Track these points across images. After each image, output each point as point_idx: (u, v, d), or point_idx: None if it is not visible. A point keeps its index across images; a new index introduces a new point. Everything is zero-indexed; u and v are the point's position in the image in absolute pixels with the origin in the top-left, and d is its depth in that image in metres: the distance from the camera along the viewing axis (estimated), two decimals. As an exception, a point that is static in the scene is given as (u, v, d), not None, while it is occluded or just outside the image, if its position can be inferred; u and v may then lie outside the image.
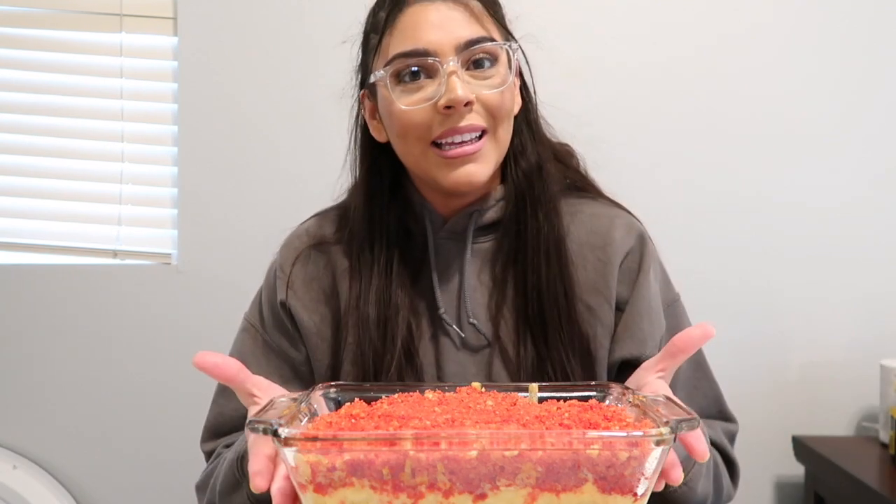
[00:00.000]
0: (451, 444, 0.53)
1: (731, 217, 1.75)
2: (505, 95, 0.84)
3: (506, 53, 0.85)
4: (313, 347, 0.92)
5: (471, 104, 0.81)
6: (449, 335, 0.89)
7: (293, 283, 0.93)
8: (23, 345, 1.74)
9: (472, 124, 0.82)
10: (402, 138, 0.85)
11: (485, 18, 0.85)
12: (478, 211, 0.90)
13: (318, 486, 0.54)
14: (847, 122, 1.75)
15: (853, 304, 1.76)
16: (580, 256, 0.91)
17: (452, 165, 0.83)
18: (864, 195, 1.75)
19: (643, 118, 1.74)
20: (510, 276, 0.89)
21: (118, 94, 1.76)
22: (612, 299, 0.90)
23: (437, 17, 0.82)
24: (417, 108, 0.82)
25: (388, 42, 0.84)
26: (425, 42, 0.81)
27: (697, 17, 1.74)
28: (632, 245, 0.92)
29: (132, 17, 1.74)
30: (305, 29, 1.72)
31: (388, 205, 0.91)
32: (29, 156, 1.78)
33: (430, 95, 0.82)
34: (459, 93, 0.79)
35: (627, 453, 0.53)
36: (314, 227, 0.98)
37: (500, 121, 0.84)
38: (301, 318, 0.92)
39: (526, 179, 0.89)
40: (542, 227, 0.88)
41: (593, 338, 0.89)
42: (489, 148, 0.84)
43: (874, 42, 1.74)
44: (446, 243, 0.91)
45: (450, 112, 0.81)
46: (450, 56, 0.81)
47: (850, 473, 1.45)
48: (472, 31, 0.82)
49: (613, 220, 0.93)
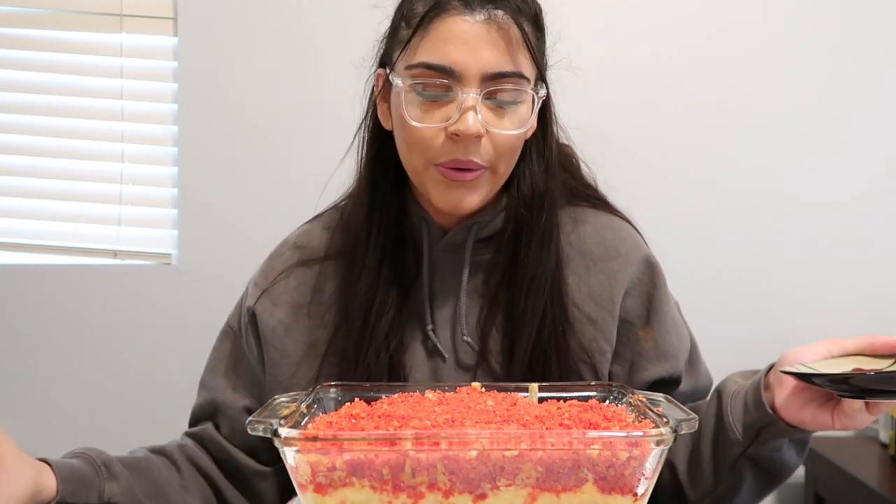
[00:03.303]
0: (451, 444, 0.53)
1: (732, 217, 1.75)
2: (518, 138, 0.83)
3: (531, 98, 0.83)
4: (272, 362, 0.89)
5: (480, 137, 0.80)
6: (438, 352, 0.87)
7: (273, 294, 0.91)
8: (23, 345, 1.74)
9: (473, 161, 0.80)
10: (406, 148, 0.83)
11: (520, 50, 0.81)
12: (478, 223, 0.88)
13: (318, 486, 0.54)
14: (847, 122, 1.75)
15: (853, 304, 1.76)
16: (583, 267, 0.89)
17: (448, 186, 0.81)
18: (864, 195, 1.75)
19: (638, 117, 1.74)
20: (503, 299, 0.87)
21: (118, 95, 1.76)
22: (616, 313, 0.88)
23: (473, 37, 0.78)
24: (427, 127, 0.80)
25: (417, 44, 0.81)
26: (453, 61, 0.78)
27: (687, 14, 1.74)
28: (640, 259, 0.90)
29: (132, 17, 1.74)
30: (305, 29, 1.72)
31: (388, 199, 0.88)
32: (29, 156, 1.78)
33: (443, 118, 0.79)
34: (471, 124, 0.78)
35: (627, 453, 0.53)
36: (302, 239, 0.96)
37: (503, 158, 0.83)
38: (265, 326, 0.90)
39: (527, 207, 0.87)
40: (535, 260, 0.86)
41: (597, 351, 0.87)
42: (486, 180, 0.83)
43: (879, 40, 1.74)
44: (443, 255, 0.89)
45: (457, 139, 0.79)
46: (472, 85, 0.79)
47: (850, 473, 1.45)
48: (502, 62, 0.79)
49: (618, 233, 0.92)
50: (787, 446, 0.77)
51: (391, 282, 0.87)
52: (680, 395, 0.89)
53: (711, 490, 0.80)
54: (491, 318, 0.87)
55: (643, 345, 0.88)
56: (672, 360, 0.89)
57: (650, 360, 0.88)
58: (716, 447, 0.79)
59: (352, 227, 0.90)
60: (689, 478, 0.82)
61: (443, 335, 0.87)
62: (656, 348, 0.88)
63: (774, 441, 0.75)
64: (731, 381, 0.80)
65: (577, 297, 0.88)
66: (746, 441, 0.75)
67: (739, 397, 0.77)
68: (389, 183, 0.88)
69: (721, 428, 0.77)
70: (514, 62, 0.80)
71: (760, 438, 0.74)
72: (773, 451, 0.76)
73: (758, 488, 0.81)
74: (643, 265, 0.90)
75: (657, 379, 0.88)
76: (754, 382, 0.75)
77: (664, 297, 0.90)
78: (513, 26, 0.80)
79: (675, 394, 0.89)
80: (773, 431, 0.73)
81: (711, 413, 0.80)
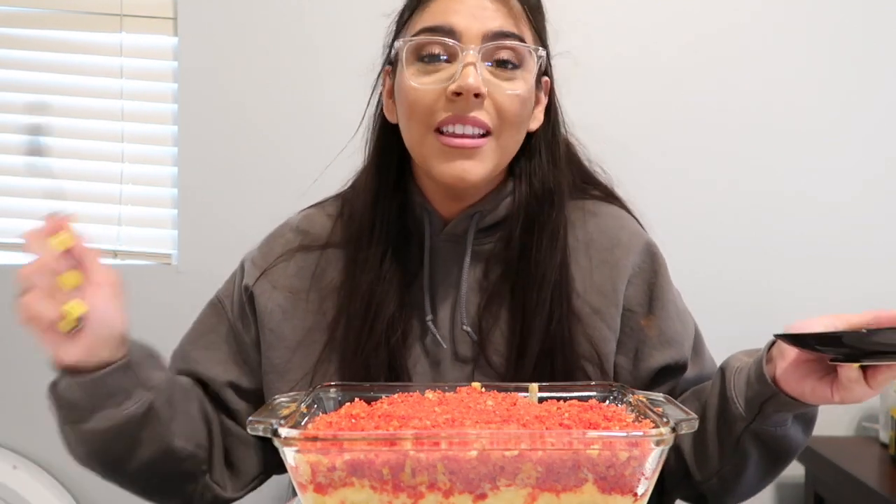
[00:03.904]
0: (451, 444, 0.53)
1: (731, 216, 1.75)
2: (521, 102, 0.82)
3: (534, 61, 0.82)
4: (268, 344, 0.89)
5: (481, 97, 0.79)
6: (437, 343, 0.87)
7: (272, 277, 0.91)
8: (23, 345, 1.74)
9: (477, 118, 0.79)
10: (407, 118, 0.83)
11: (522, 20, 0.83)
12: (479, 213, 0.88)
13: (318, 486, 0.54)
14: (848, 121, 1.75)
15: (853, 304, 1.74)
16: (586, 257, 0.89)
17: (449, 156, 0.80)
18: (864, 195, 1.75)
19: (638, 116, 1.74)
20: (505, 291, 0.87)
21: (118, 95, 1.76)
22: (620, 302, 0.88)
23: (474, 5, 0.80)
24: (427, 88, 0.80)
25: (417, 18, 0.83)
26: (453, 22, 0.79)
27: (685, 13, 1.74)
28: (641, 248, 0.91)
29: (132, 17, 1.74)
30: (305, 29, 1.72)
31: (392, 193, 0.88)
32: (28, 155, 1.78)
33: (444, 79, 0.80)
34: (471, 81, 0.77)
35: (627, 453, 0.54)
36: (305, 223, 0.96)
37: (507, 125, 0.81)
38: (262, 308, 0.89)
39: (537, 204, 0.86)
40: (545, 257, 0.85)
41: (601, 340, 0.87)
42: (489, 149, 0.81)
43: (879, 40, 1.74)
44: (445, 246, 0.89)
45: (458, 99, 0.78)
46: (473, 43, 0.79)
47: (850, 473, 1.45)
48: (503, 24, 0.80)
49: (618, 222, 0.92)
50: (793, 423, 0.77)
51: (393, 275, 0.87)
52: (686, 381, 0.89)
53: (717, 469, 0.80)
54: (491, 310, 0.87)
55: (647, 332, 0.88)
56: (677, 346, 0.89)
57: (655, 347, 0.88)
58: (720, 424, 0.78)
59: (356, 218, 0.90)
60: (695, 458, 0.82)
61: (442, 326, 0.87)
62: (660, 335, 0.88)
63: (777, 415, 0.74)
64: (734, 359, 0.80)
65: (582, 289, 0.88)
66: (749, 416, 0.74)
67: (742, 373, 0.76)
68: (393, 177, 0.89)
69: (725, 404, 0.77)
70: (515, 27, 0.81)
71: (763, 413, 0.73)
72: (777, 426, 0.75)
73: (763, 467, 0.80)
74: (644, 253, 0.91)
75: (663, 366, 0.88)
76: (756, 357, 0.75)
77: (665, 284, 0.90)
78: (514, 1, 0.82)
79: (682, 380, 0.89)
80: (775, 404, 0.72)
81: (715, 391, 0.79)
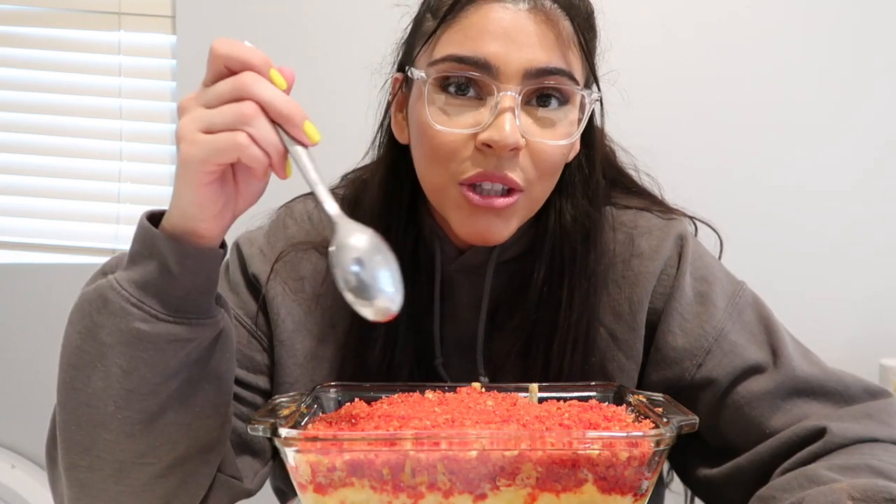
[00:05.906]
0: (451, 444, 0.53)
1: (730, 215, 1.74)
2: (563, 153, 0.70)
3: (581, 100, 0.70)
4: (277, 357, 0.79)
5: (518, 150, 0.66)
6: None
7: (285, 276, 0.79)
8: (22, 344, 1.74)
9: (508, 177, 0.66)
10: (427, 160, 0.70)
11: (571, 47, 0.68)
12: (500, 245, 0.75)
13: (318, 486, 0.54)
14: (848, 121, 1.74)
15: (853, 303, 1.75)
16: (613, 284, 0.78)
17: (474, 213, 0.68)
18: (864, 194, 1.75)
19: (640, 113, 1.74)
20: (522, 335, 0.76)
21: (116, 93, 1.76)
22: (641, 326, 0.77)
23: (514, 25, 0.65)
24: (453, 135, 0.66)
25: (443, 35, 0.67)
26: (488, 53, 0.64)
27: (683, 8, 1.74)
28: (667, 248, 0.80)
29: (130, 15, 1.74)
30: (304, 27, 1.72)
31: (405, 225, 0.76)
32: (27, 154, 1.77)
33: (472, 124, 0.66)
34: (507, 132, 0.63)
35: (627, 453, 0.53)
36: (317, 214, 0.84)
37: (543, 177, 0.69)
38: (275, 314, 0.79)
39: (569, 246, 0.74)
40: (579, 305, 0.74)
41: (617, 371, 0.77)
42: (519, 206, 0.69)
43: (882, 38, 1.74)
44: (458, 277, 0.77)
45: (489, 151, 0.66)
46: (512, 83, 0.65)
47: None
48: (549, 57, 0.66)
49: (638, 227, 0.82)
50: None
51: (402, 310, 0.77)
52: (766, 394, 0.73)
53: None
54: (506, 352, 0.77)
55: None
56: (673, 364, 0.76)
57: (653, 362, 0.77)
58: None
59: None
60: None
61: (453, 365, 0.78)
62: (657, 351, 0.77)
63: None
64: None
65: (605, 317, 0.77)
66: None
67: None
68: (405, 205, 0.76)
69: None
70: (563, 58, 0.67)
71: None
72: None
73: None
74: (672, 249, 0.80)
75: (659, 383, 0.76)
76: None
77: (678, 293, 0.77)
78: (563, 19, 0.67)
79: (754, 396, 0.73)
80: None
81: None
